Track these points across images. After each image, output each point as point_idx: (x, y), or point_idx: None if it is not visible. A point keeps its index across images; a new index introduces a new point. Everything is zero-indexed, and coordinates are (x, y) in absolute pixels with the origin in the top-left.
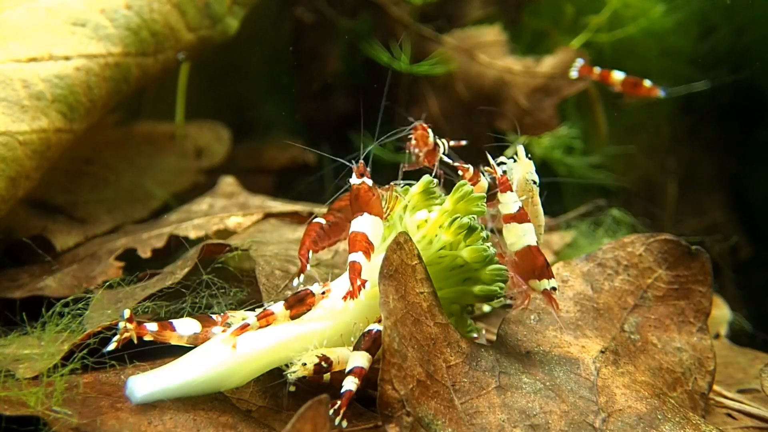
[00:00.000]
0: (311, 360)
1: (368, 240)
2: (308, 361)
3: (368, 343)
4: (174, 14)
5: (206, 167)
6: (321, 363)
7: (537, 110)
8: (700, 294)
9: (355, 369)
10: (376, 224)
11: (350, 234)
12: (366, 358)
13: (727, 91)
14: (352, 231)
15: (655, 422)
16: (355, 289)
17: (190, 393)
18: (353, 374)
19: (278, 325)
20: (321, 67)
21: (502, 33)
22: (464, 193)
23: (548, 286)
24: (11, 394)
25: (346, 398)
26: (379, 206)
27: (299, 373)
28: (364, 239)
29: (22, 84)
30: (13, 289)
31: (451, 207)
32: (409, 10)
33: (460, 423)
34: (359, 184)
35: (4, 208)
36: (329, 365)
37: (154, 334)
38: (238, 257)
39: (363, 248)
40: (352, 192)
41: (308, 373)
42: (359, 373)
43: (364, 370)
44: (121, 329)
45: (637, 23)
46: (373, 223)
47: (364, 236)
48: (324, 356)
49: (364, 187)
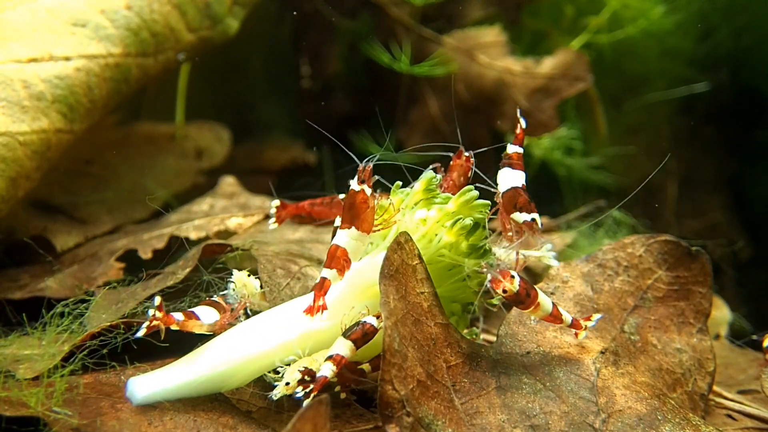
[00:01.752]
0: (293, 378)
1: (347, 258)
2: (290, 379)
3: (357, 333)
4: (174, 15)
5: (206, 168)
6: (304, 377)
7: (537, 111)
8: (700, 295)
9: (335, 356)
10: (359, 241)
11: (331, 246)
12: (348, 347)
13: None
14: (334, 243)
15: (655, 423)
16: (316, 307)
17: (190, 394)
18: (332, 360)
19: (279, 326)
20: (321, 68)
21: (502, 34)
22: (470, 197)
23: (528, 218)
24: (12, 395)
25: (319, 383)
26: (370, 221)
27: (282, 392)
28: (343, 256)
29: (22, 84)
30: (14, 289)
31: (455, 209)
32: (410, 11)
33: (461, 423)
34: (358, 191)
35: (4, 208)
36: (313, 377)
37: (181, 323)
38: (239, 258)
39: (339, 266)
40: (348, 196)
41: (291, 391)
42: (338, 361)
43: (344, 358)
44: (150, 317)
45: (636, 24)
46: (357, 239)
47: (344, 253)
48: (307, 369)
49: (361, 195)
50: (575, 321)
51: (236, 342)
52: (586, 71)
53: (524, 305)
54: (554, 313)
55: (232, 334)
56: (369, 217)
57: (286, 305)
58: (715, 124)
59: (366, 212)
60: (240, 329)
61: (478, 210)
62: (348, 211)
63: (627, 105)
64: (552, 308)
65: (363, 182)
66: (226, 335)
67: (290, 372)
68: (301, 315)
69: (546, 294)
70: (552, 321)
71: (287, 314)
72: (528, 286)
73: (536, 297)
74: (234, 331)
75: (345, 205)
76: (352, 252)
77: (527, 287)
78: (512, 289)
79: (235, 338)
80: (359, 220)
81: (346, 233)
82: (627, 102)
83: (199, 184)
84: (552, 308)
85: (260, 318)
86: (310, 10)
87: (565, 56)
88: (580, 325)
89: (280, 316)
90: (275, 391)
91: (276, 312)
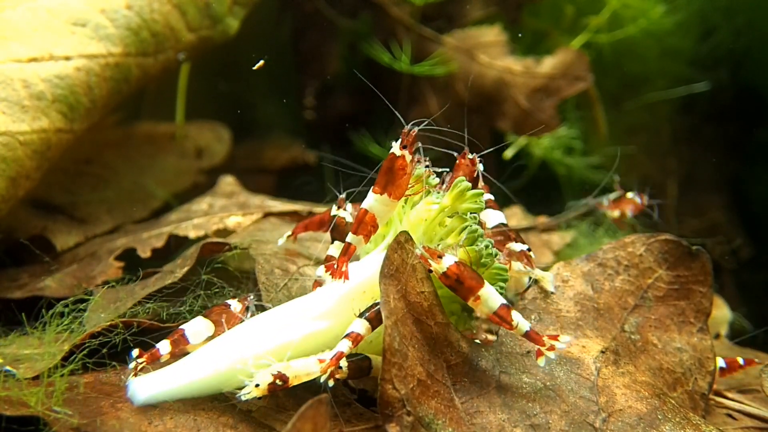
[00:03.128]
0: (264, 380)
1: (375, 224)
2: (261, 381)
3: (373, 313)
4: (174, 14)
5: (206, 167)
6: (275, 381)
7: (537, 110)
8: (701, 294)
9: (351, 333)
10: (389, 207)
11: (360, 210)
12: (365, 326)
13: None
14: (363, 207)
15: (656, 422)
16: (339, 272)
17: (192, 395)
18: (348, 337)
19: (281, 327)
20: (321, 67)
21: (502, 33)
22: (462, 189)
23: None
24: (12, 394)
25: (336, 358)
26: (404, 188)
27: (252, 395)
28: (371, 222)
29: (22, 84)
30: (14, 289)
31: (450, 203)
32: (410, 11)
33: (461, 422)
34: (398, 156)
35: (4, 207)
36: (285, 382)
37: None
38: (238, 257)
39: (365, 232)
40: (387, 159)
41: (261, 394)
42: (354, 338)
43: (360, 336)
44: (133, 365)
45: (637, 24)
46: (387, 206)
47: (372, 218)
48: (279, 374)
49: (401, 161)
50: (533, 333)
51: (238, 343)
52: (587, 71)
53: (458, 292)
54: (500, 313)
55: (234, 334)
56: (403, 185)
57: (288, 305)
58: (715, 123)
59: (402, 179)
60: (242, 329)
61: (472, 200)
62: (384, 174)
63: (627, 104)
64: (499, 308)
65: (405, 147)
66: (229, 335)
67: (262, 374)
68: (302, 316)
69: (546, 293)
70: (497, 322)
71: (289, 315)
72: (466, 274)
73: (475, 288)
74: (236, 331)
75: (382, 169)
76: (379, 218)
77: (462, 274)
78: (438, 270)
79: (238, 339)
80: (393, 186)
81: (376, 198)
82: (627, 101)
83: (199, 184)
84: (499, 308)
85: (262, 318)
86: (310, 9)
87: (565, 56)
88: (541, 340)
89: (282, 316)
90: (244, 391)
91: (278, 312)
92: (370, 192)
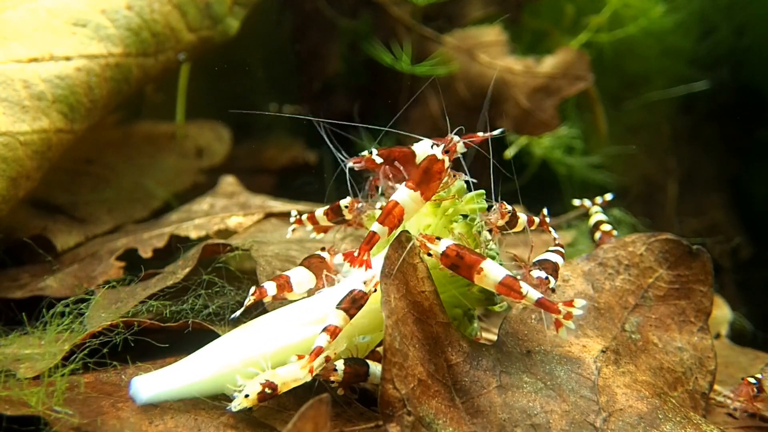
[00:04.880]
0: (254, 390)
1: (401, 218)
2: (250, 391)
3: (347, 302)
4: (175, 15)
5: (207, 167)
6: (265, 390)
7: (537, 110)
8: (701, 294)
9: (329, 327)
10: (416, 204)
11: (390, 201)
12: (342, 317)
13: (728, 91)
14: (394, 199)
15: (656, 422)
16: (360, 260)
17: (194, 394)
18: (326, 331)
19: (282, 329)
20: (321, 67)
21: (502, 33)
22: (459, 189)
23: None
24: (12, 394)
25: (314, 353)
26: (434, 192)
27: (242, 405)
28: (398, 215)
29: (23, 84)
30: (14, 289)
31: (448, 204)
32: (410, 10)
33: (461, 422)
34: (438, 160)
35: (5, 208)
36: (274, 390)
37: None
38: (239, 257)
39: (392, 224)
40: (428, 159)
41: (252, 404)
42: (332, 331)
43: (338, 328)
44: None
45: (637, 23)
46: (415, 203)
47: (400, 212)
48: (268, 382)
49: (440, 165)
50: (545, 301)
51: (241, 344)
52: (587, 70)
53: (461, 271)
54: (506, 282)
55: (236, 335)
56: (435, 188)
57: (291, 307)
58: (715, 123)
59: (436, 182)
60: (245, 330)
61: (474, 201)
62: (421, 173)
63: (627, 104)
64: (504, 278)
65: (446, 153)
66: (231, 336)
67: (251, 384)
68: (304, 318)
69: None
70: (505, 292)
71: (292, 317)
72: (465, 251)
73: (476, 262)
74: (239, 332)
75: (420, 167)
76: (407, 213)
77: (461, 251)
78: (437, 251)
79: (240, 340)
80: (426, 187)
81: (409, 193)
82: (627, 101)
83: (199, 184)
84: (504, 278)
85: (266, 319)
86: (310, 9)
87: (565, 55)
88: (555, 308)
89: (286, 318)
90: (234, 403)
91: (281, 314)
92: (402, 186)
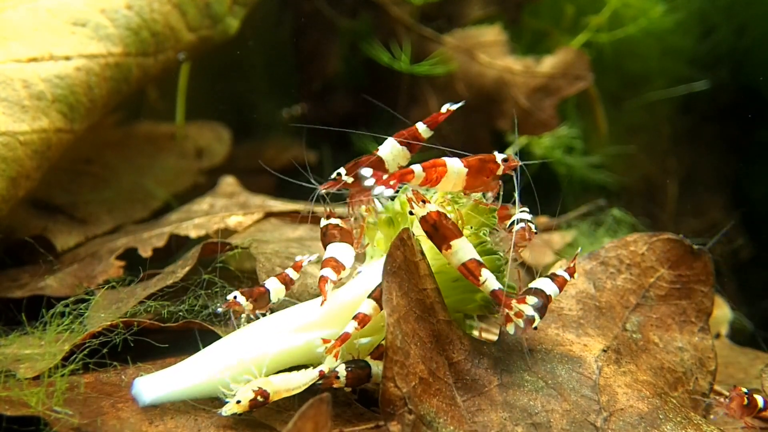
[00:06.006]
0: (246, 396)
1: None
2: (242, 397)
3: (378, 291)
4: (174, 14)
5: (207, 167)
6: (257, 397)
7: (537, 110)
8: (702, 294)
9: (359, 314)
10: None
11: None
12: (372, 306)
13: (728, 91)
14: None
15: (657, 422)
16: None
17: (196, 396)
18: (356, 319)
19: (287, 331)
20: (321, 67)
21: (502, 33)
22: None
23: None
24: (12, 394)
25: (341, 339)
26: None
27: (232, 410)
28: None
29: (22, 84)
30: (14, 288)
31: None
32: (410, 10)
33: (462, 421)
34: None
35: (4, 207)
36: (266, 398)
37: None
38: (239, 257)
39: (431, 177)
40: (489, 156)
41: (243, 410)
42: (362, 319)
43: (367, 317)
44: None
45: (637, 23)
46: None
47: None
48: (261, 390)
49: (492, 166)
50: (500, 293)
51: (244, 345)
52: (587, 70)
53: (434, 240)
54: (469, 265)
55: (240, 336)
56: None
57: (295, 309)
58: (715, 123)
59: (483, 177)
60: (248, 331)
61: (484, 214)
62: (478, 162)
63: (627, 104)
64: (468, 260)
65: (505, 161)
66: (234, 337)
67: (243, 390)
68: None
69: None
70: (465, 274)
71: (295, 319)
72: (443, 222)
73: (449, 237)
74: (242, 333)
75: (479, 156)
76: (443, 183)
77: (440, 221)
78: (418, 213)
79: (244, 341)
80: (474, 174)
81: (460, 166)
82: (627, 101)
83: (199, 184)
84: (468, 260)
85: (269, 320)
86: (310, 9)
87: (565, 55)
88: (508, 303)
89: (289, 320)
90: (225, 407)
91: (285, 315)
92: (457, 159)
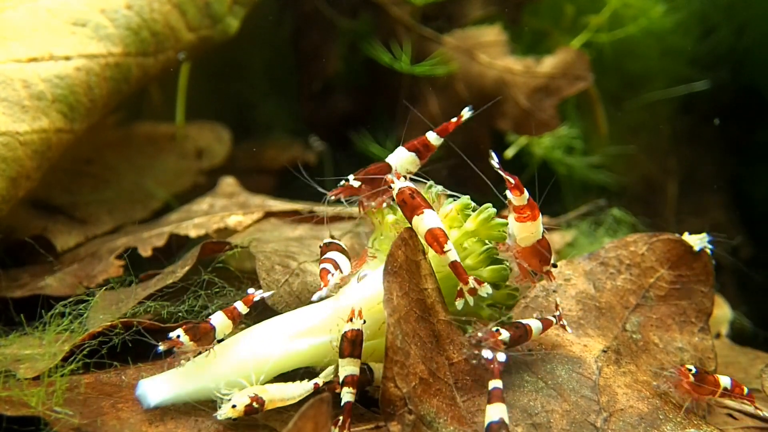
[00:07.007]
0: (241, 402)
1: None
2: (238, 402)
3: (348, 348)
4: (174, 14)
5: (207, 168)
6: (252, 404)
7: (537, 110)
8: (702, 294)
9: (347, 378)
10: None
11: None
12: (353, 363)
13: (728, 91)
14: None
15: (657, 422)
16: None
17: (201, 398)
18: (347, 384)
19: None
20: (321, 67)
21: (502, 33)
22: (487, 216)
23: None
24: (12, 394)
25: (346, 411)
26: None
27: (228, 415)
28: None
29: (22, 84)
30: (14, 288)
31: (474, 228)
32: (410, 11)
33: (462, 421)
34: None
35: (4, 208)
36: (261, 405)
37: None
38: (239, 257)
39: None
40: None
41: (238, 415)
42: (351, 382)
43: (355, 377)
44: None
45: (637, 23)
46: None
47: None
48: (256, 396)
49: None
50: (459, 266)
51: (249, 348)
52: (587, 70)
53: (404, 209)
54: (435, 232)
55: (245, 339)
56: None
57: (299, 312)
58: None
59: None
60: (253, 334)
61: (496, 229)
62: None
63: (627, 104)
64: (435, 227)
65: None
66: (238, 338)
67: (239, 395)
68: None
69: (548, 292)
70: (429, 242)
71: (300, 323)
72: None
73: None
74: (247, 336)
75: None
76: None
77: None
78: (395, 187)
79: (248, 344)
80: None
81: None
82: (627, 101)
83: (199, 184)
84: (435, 227)
85: (274, 323)
86: (310, 9)
87: (565, 55)
88: (465, 278)
89: (294, 323)
90: (220, 411)
91: (290, 318)
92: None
